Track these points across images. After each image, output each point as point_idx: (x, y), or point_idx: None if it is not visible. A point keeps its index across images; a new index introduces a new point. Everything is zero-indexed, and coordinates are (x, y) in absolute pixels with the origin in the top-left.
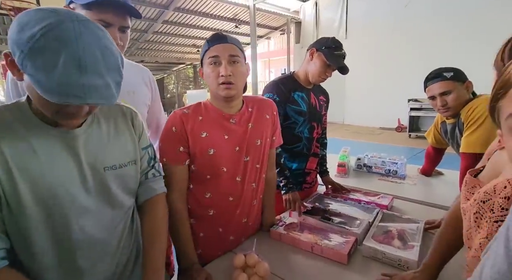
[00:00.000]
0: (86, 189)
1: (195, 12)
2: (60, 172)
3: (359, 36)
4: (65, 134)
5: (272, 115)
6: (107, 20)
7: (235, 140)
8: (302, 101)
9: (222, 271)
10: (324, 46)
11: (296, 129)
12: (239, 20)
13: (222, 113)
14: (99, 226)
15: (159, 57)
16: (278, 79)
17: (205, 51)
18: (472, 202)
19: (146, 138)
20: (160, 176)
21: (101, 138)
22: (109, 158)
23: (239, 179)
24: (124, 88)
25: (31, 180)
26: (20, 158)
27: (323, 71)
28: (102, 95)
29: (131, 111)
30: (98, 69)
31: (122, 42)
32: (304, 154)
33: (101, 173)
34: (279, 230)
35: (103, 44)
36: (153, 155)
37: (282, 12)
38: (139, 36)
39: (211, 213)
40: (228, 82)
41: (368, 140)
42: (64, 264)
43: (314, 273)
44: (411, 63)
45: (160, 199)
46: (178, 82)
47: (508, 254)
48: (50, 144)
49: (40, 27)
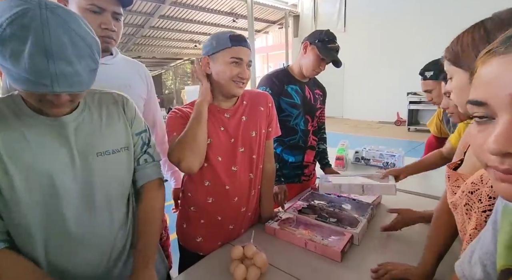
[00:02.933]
0: (76, 176)
1: (192, 6)
2: (51, 160)
3: (358, 29)
4: (55, 122)
5: (266, 107)
6: (99, 4)
7: (231, 132)
8: (295, 94)
9: (220, 263)
10: (318, 39)
11: (291, 122)
12: (237, 14)
13: (217, 108)
14: (90, 213)
15: (156, 53)
16: (272, 72)
17: (225, 48)
18: (461, 194)
19: (140, 123)
20: (153, 161)
21: (92, 125)
22: (102, 144)
23: (235, 168)
24: (120, 82)
25: (23, 167)
26: (12, 147)
27: (317, 65)
28: (70, 83)
29: (122, 98)
30: (67, 56)
31: (116, 29)
32: (301, 146)
33: (92, 160)
34: (273, 225)
35: (73, 30)
36: (148, 140)
37: (280, 6)
38: (135, 31)
39: (210, 201)
40: (244, 82)
41: (367, 134)
42: (55, 249)
43: (312, 264)
44: (410, 56)
45: (154, 186)
46: (176, 78)
47: (495, 234)
48: (41, 133)
49: (7, 16)
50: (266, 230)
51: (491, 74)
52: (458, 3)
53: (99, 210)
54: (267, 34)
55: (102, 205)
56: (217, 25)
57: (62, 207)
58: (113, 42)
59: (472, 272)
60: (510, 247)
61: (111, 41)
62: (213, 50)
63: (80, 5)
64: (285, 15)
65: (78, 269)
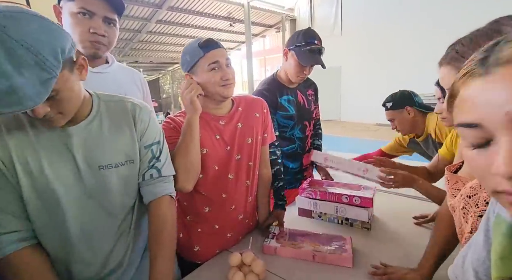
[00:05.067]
0: (81, 186)
1: (189, 11)
2: (56, 168)
3: (355, 32)
4: (62, 132)
5: (262, 113)
6: (89, 8)
7: (226, 140)
8: (289, 105)
9: (218, 270)
10: (295, 44)
11: (287, 132)
12: (234, 18)
13: (212, 115)
14: (94, 222)
15: (153, 57)
16: (262, 87)
17: (200, 58)
18: (459, 198)
19: (153, 134)
20: (160, 177)
21: (99, 136)
22: (105, 156)
23: (231, 176)
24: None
25: (30, 172)
26: (22, 151)
27: (300, 70)
28: (5, 103)
29: (135, 107)
30: (1, 71)
31: (108, 35)
32: (299, 153)
33: (96, 171)
34: (272, 244)
35: (10, 37)
36: (159, 153)
37: (277, 10)
38: (132, 36)
39: (206, 210)
40: (230, 82)
41: (364, 136)
42: (62, 250)
43: (311, 268)
44: (407, 59)
45: (162, 203)
46: (173, 82)
47: (487, 241)
48: (49, 141)
49: None
50: (265, 250)
51: (480, 96)
52: (454, 7)
53: (104, 220)
54: (264, 37)
55: (101, 217)
56: (215, 29)
57: (65, 214)
58: (103, 48)
59: (465, 278)
60: (504, 258)
61: (100, 46)
62: (190, 64)
63: (71, 10)
64: (282, 19)
65: (74, 272)
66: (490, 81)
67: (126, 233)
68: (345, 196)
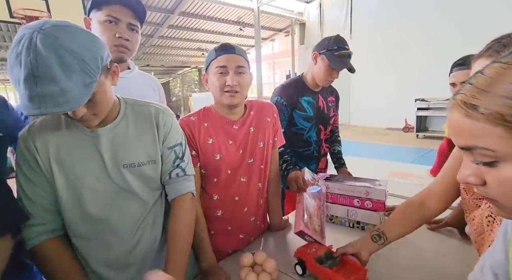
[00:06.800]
0: (107, 182)
1: (199, 16)
2: (86, 166)
3: (364, 35)
4: (92, 133)
5: (272, 117)
6: (113, 14)
7: (239, 144)
8: (309, 106)
9: (230, 270)
10: (326, 48)
11: (305, 135)
12: (243, 23)
13: (226, 119)
14: (121, 217)
15: (164, 61)
16: (287, 82)
17: (212, 59)
18: (483, 206)
19: (175, 137)
20: (184, 175)
21: (125, 138)
22: (129, 156)
23: (244, 179)
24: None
25: (63, 168)
26: (58, 150)
27: (329, 74)
28: (57, 103)
29: (158, 112)
30: (52, 76)
31: (131, 39)
32: (315, 156)
33: (121, 169)
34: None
35: (62, 47)
36: (182, 154)
37: (286, 14)
38: (145, 40)
39: (219, 214)
40: (234, 91)
41: (374, 140)
42: (91, 237)
43: None
44: (418, 62)
45: (185, 200)
46: (183, 85)
47: (505, 245)
48: (81, 141)
49: (12, 45)
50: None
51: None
52: (465, 8)
53: (130, 214)
54: (273, 41)
55: (133, 211)
56: (225, 33)
57: (95, 208)
58: (128, 52)
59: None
60: None
61: (125, 50)
62: (206, 65)
63: (99, 19)
64: (291, 23)
65: (96, 262)
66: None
67: (150, 226)
68: (357, 199)
